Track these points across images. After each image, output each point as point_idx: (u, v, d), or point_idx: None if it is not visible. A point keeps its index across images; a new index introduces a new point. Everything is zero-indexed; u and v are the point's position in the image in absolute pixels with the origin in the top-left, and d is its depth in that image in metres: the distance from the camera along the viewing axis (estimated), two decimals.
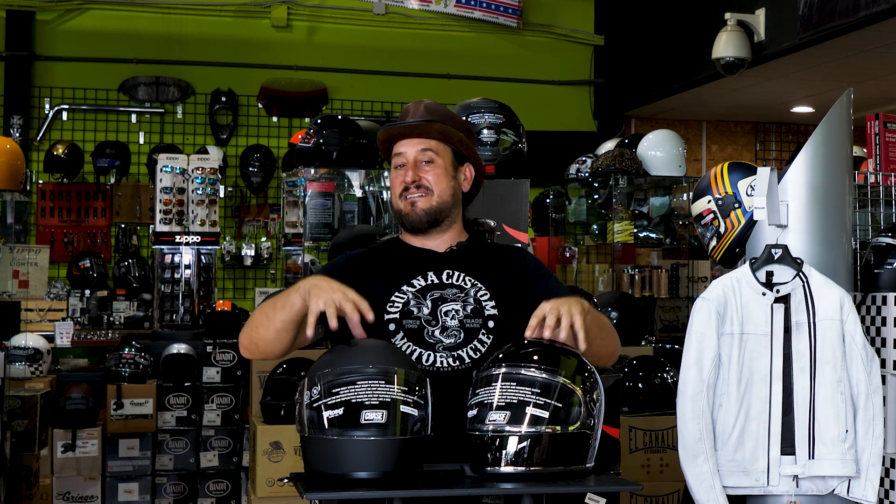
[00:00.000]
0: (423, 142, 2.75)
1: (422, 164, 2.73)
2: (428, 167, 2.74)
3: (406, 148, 2.75)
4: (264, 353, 2.62)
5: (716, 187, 3.39)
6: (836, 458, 2.94)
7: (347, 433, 2.26)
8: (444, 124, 2.75)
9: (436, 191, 2.73)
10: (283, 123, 9.53)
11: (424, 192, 2.72)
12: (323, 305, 2.42)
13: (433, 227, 2.75)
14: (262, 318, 2.58)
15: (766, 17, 7.51)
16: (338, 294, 2.44)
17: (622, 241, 7.29)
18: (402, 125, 2.75)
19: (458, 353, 2.64)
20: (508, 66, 9.95)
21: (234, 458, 6.80)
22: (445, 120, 2.77)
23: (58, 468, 6.51)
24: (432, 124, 2.74)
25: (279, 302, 2.55)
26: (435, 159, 2.74)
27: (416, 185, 2.71)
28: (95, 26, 9.23)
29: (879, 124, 3.99)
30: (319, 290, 2.45)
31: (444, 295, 2.69)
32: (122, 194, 8.99)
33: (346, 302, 2.42)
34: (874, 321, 3.47)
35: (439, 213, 2.74)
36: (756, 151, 10.97)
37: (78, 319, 7.94)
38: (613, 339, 2.71)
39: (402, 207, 2.75)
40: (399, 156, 2.76)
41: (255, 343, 2.61)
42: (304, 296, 2.47)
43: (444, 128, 2.75)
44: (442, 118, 2.77)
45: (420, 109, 2.77)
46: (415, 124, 2.74)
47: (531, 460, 2.31)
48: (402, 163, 2.75)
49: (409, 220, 2.74)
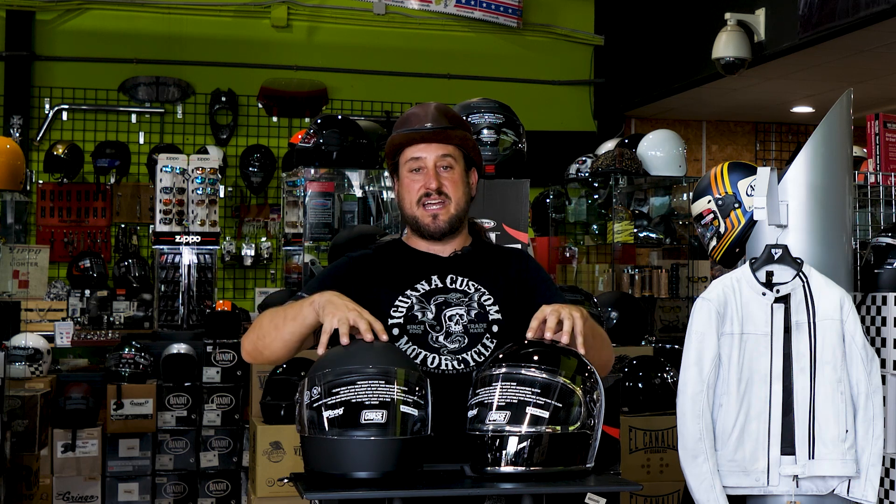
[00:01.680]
0: (442, 147, 2.69)
1: (440, 169, 2.68)
2: (447, 173, 2.69)
3: (425, 153, 2.68)
4: (267, 361, 2.63)
5: (716, 187, 3.39)
6: (836, 458, 2.94)
7: (347, 433, 2.26)
8: (464, 130, 2.72)
9: (454, 198, 2.69)
10: (283, 123, 9.53)
11: (444, 201, 2.67)
12: (337, 323, 2.39)
13: (449, 235, 2.72)
14: (269, 328, 2.56)
15: (766, 17, 7.51)
16: (353, 313, 2.40)
17: (622, 241, 7.29)
18: (426, 130, 2.68)
19: (463, 357, 2.63)
20: (508, 66, 9.94)
21: (234, 458, 6.80)
22: (462, 125, 2.74)
23: (58, 468, 6.51)
24: (454, 130, 2.69)
25: (290, 312, 2.52)
26: (454, 165, 2.70)
27: (437, 192, 2.67)
28: (95, 26, 9.23)
29: (879, 124, 3.99)
30: (335, 308, 2.42)
31: (448, 300, 2.67)
32: (122, 194, 8.99)
33: (361, 321, 2.39)
34: (874, 321, 3.47)
35: (458, 221, 2.71)
36: (756, 151, 10.97)
37: (78, 319, 7.94)
38: (608, 350, 2.70)
39: (419, 216, 2.69)
40: (416, 160, 2.69)
41: (260, 351, 2.60)
42: (318, 310, 2.45)
43: (464, 134, 2.71)
44: (459, 123, 2.73)
45: (434, 113, 2.69)
46: (439, 130, 2.68)
47: (531, 460, 2.31)
48: (419, 167, 2.69)
49: (430, 231, 2.70)
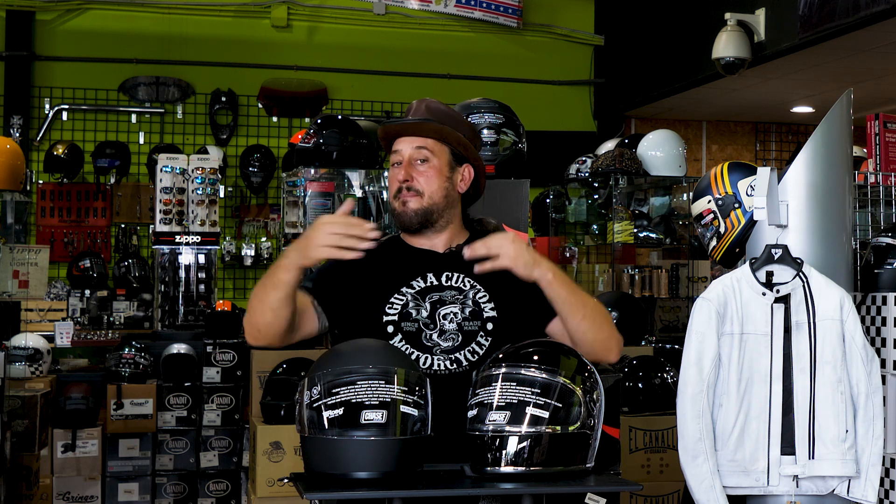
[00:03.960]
0: (418, 140, 2.74)
1: (416, 162, 2.73)
2: (422, 166, 2.73)
3: (402, 146, 2.76)
4: (267, 337, 2.63)
5: (716, 187, 3.39)
6: (836, 458, 2.94)
7: (347, 433, 2.26)
8: (441, 124, 2.74)
9: (426, 192, 2.72)
10: (283, 123, 9.52)
11: (415, 194, 2.72)
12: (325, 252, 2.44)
13: (425, 228, 2.75)
14: (256, 303, 2.60)
15: (766, 17, 7.51)
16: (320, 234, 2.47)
17: (622, 241, 7.28)
18: (399, 123, 2.77)
19: (456, 356, 2.64)
20: (508, 66, 9.94)
21: (234, 458, 6.80)
22: (444, 120, 2.76)
23: (58, 468, 6.50)
24: (429, 123, 2.73)
25: (268, 282, 2.57)
26: (430, 158, 2.73)
27: (407, 187, 2.71)
28: (95, 26, 9.23)
29: (879, 124, 3.99)
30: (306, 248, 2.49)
31: (442, 297, 2.69)
32: (122, 194, 8.98)
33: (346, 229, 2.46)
34: (874, 321, 3.47)
35: (430, 213, 2.73)
36: (756, 151, 10.96)
37: (78, 319, 7.93)
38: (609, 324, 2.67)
39: (395, 206, 2.76)
40: (396, 153, 2.77)
41: (257, 328, 2.62)
42: (289, 265, 2.51)
43: (439, 127, 2.74)
44: (441, 118, 2.76)
45: (421, 108, 2.78)
46: (411, 122, 2.75)
47: (531, 460, 2.31)
48: (398, 160, 2.76)
49: (401, 220, 2.75)
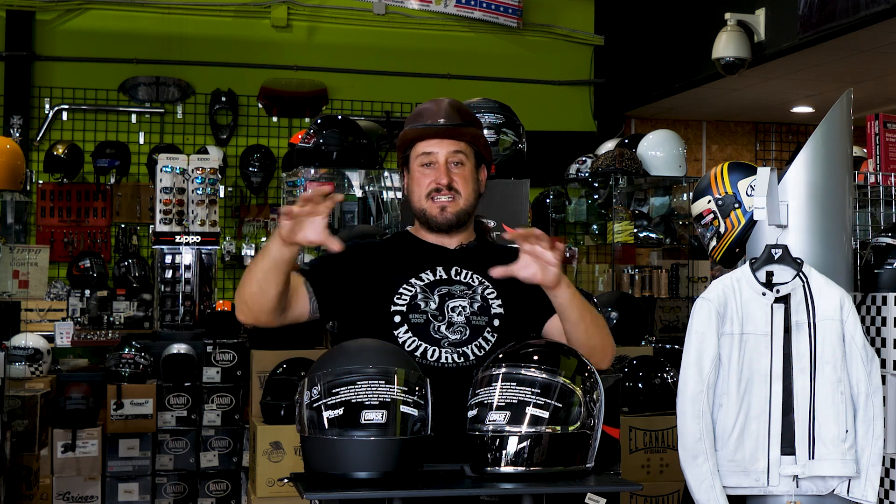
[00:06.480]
0: (454, 143, 2.73)
1: (452, 165, 2.73)
2: (457, 169, 2.73)
3: (437, 148, 2.73)
4: (254, 311, 2.59)
5: (716, 187, 3.39)
6: (836, 458, 2.94)
7: (347, 433, 2.26)
8: (476, 128, 2.76)
9: (463, 194, 2.73)
10: (283, 123, 9.52)
11: (453, 196, 2.72)
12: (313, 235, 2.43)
13: (457, 228, 2.76)
14: (245, 277, 2.59)
15: (766, 17, 7.50)
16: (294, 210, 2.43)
17: (622, 241, 7.29)
18: (439, 127, 2.73)
19: (463, 350, 2.65)
20: (508, 66, 9.94)
21: (234, 458, 6.80)
22: (474, 122, 2.78)
23: (58, 468, 6.50)
24: (467, 127, 2.74)
25: (258, 256, 2.57)
26: (465, 161, 2.74)
27: (448, 187, 2.71)
28: (95, 26, 9.23)
29: (879, 124, 3.99)
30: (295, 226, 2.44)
31: (451, 291, 2.70)
32: (122, 194, 8.98)
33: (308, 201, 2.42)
34: (874, 321, 3.47)
35: (466, 215, 2.76)
36: (756, 151, 10.96)
37: (78, 319, 7.94)
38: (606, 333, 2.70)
39: (427, 209, 2.74)
40: (428, 155, 2.73)
41: (245, 302, 2.59)
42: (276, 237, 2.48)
43: (476, 131, 2.76)
44: (471, 120, 2.77)
45: (447, 109, 2.75)
46: (451, 127, 2.73)
47: (531, 460, 2.31)
48: (430, 162, 2.73)
49: (438, 223, 2.74)
